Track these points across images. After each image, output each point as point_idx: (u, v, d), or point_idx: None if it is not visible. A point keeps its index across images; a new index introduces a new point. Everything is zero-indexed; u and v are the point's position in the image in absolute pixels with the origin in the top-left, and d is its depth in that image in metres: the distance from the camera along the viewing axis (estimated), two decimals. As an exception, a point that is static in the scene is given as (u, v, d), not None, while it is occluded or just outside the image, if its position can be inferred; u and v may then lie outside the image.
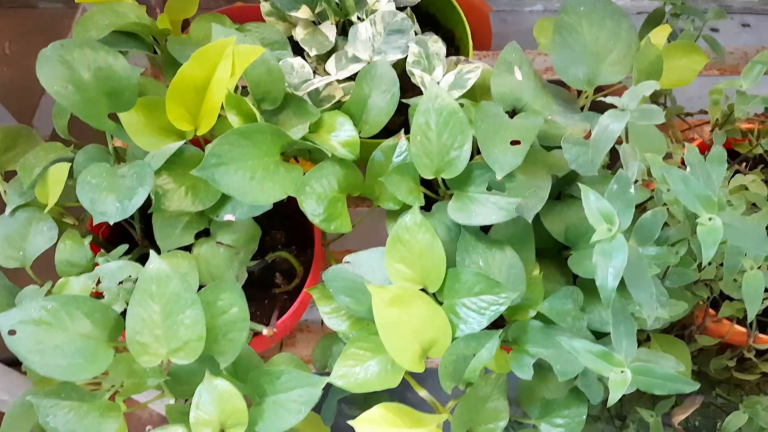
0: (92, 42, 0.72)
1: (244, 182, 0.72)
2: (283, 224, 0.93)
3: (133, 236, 0.85)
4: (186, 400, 0.75)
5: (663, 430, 0.89)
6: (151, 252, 0.65)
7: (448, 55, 0.89)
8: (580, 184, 0.59)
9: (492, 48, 1.38)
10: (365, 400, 0.86)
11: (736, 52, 1.21)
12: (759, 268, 0.72)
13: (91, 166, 0.70)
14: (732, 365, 0.90)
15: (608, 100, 0.63)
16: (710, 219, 0.58)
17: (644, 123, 0.62)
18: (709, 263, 0.79)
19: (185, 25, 0.94)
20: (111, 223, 0.70)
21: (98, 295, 0.73)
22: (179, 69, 0.73)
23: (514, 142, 0.72)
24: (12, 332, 0.63)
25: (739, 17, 1.73)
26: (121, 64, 0.73)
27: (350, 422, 0.69)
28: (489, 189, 0.72)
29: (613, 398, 0.57)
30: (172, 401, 0.73)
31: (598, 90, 0.83)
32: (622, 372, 0.58)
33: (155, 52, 0.87)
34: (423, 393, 0.78)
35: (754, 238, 0.59)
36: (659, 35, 0.81)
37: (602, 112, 0.82)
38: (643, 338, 0.86)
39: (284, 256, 0.87)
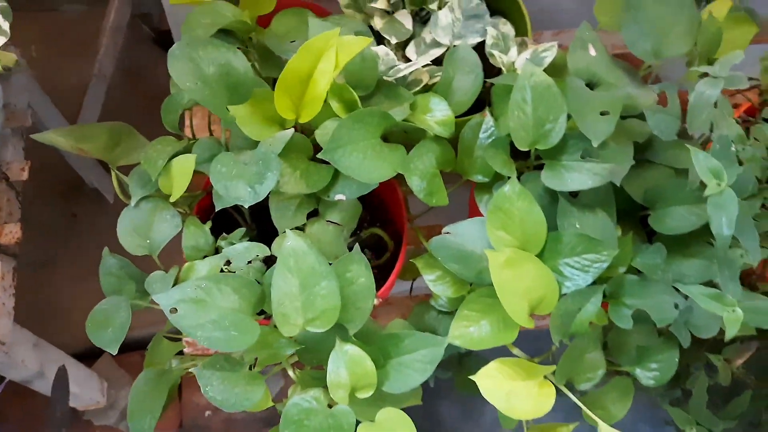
0: (214, 40, 0.77)
1: (358, 162, 0.78)
2: (366, 204, 0.98)
3: (237, 221, 0.90)
4: (311, 367, 0.81)
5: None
6: (287, 231, 0.72)
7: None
8: (689, 146, 0.66)
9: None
10: (459, 361, 0.93)
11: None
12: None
13: (220, 155, 0.76)
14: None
15: (702, 69, 0.70)
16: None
17: (732, 88, 0.69)
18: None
19: (261, 20, 0.99)
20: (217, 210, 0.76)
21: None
22: (288, 62, 0.78)
23: (603, 113, 0.78)
24: (173, 310, 0.68)
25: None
26: (240, 60, 0.78)
27: (472, 377, 0.75)
28: (582, 157, 0.79)
29: (729, 334, 0.64)
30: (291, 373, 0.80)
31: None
32: (734, 311, 0.65)
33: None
34: (516, 351, 0.84)
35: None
36: (720, 8, 0.87)
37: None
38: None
39: (377, 233, 0.93)
